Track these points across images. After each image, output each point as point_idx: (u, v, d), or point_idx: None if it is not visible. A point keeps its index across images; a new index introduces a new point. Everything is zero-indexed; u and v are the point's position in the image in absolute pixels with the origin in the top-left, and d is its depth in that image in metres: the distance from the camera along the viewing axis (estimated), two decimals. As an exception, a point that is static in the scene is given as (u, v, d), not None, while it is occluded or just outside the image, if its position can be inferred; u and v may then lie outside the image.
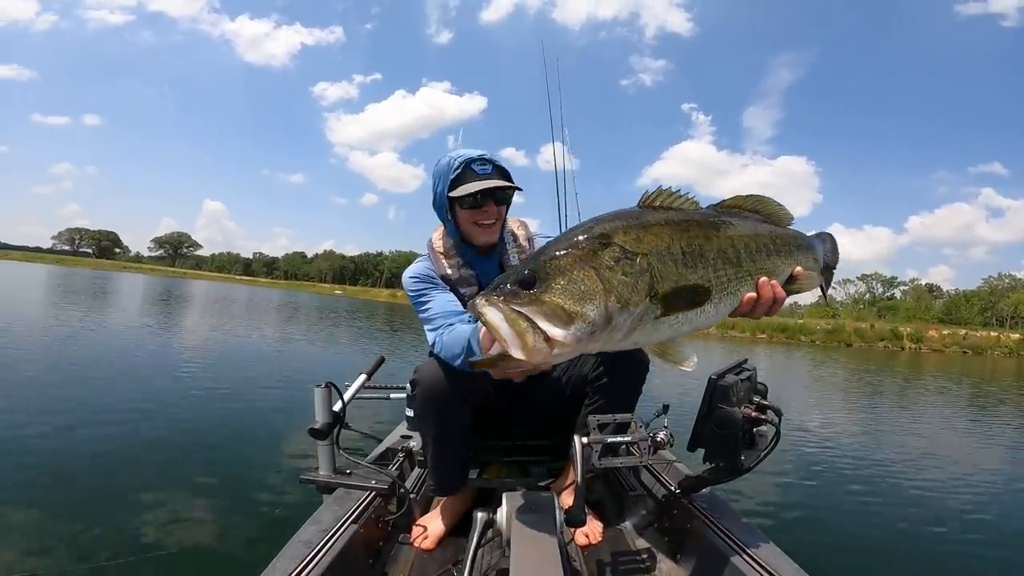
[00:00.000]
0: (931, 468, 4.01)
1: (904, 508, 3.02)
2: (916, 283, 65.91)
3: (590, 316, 0.69)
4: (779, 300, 0.93)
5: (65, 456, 3.59)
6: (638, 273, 0.74)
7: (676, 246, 0.80)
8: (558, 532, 1.04)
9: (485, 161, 1.44)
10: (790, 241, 1.01)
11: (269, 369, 7.25)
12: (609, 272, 0.72)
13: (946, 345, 31.52)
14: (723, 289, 0.86)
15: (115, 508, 2.78)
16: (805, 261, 1.04)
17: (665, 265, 0.77)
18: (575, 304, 0.68)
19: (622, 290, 0.72)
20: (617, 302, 0.71)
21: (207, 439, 4.14)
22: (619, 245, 0.75)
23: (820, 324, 32.63)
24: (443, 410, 1.41)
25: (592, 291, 0.70)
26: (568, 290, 0.69)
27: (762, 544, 1.23)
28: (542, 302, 0.68)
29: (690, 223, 0.85)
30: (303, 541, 1.20)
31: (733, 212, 0.96)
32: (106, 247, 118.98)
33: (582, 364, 1.52)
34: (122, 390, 5.20)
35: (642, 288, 0.73)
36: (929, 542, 2.60)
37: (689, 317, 0.81)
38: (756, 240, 0.93)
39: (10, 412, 4.09)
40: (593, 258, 0.72)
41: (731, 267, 0.87)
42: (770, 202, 1.01)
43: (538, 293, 0.69)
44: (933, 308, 55.02)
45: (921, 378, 13.80)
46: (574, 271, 0.70)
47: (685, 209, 0.88)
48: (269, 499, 2.85)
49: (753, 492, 3.03)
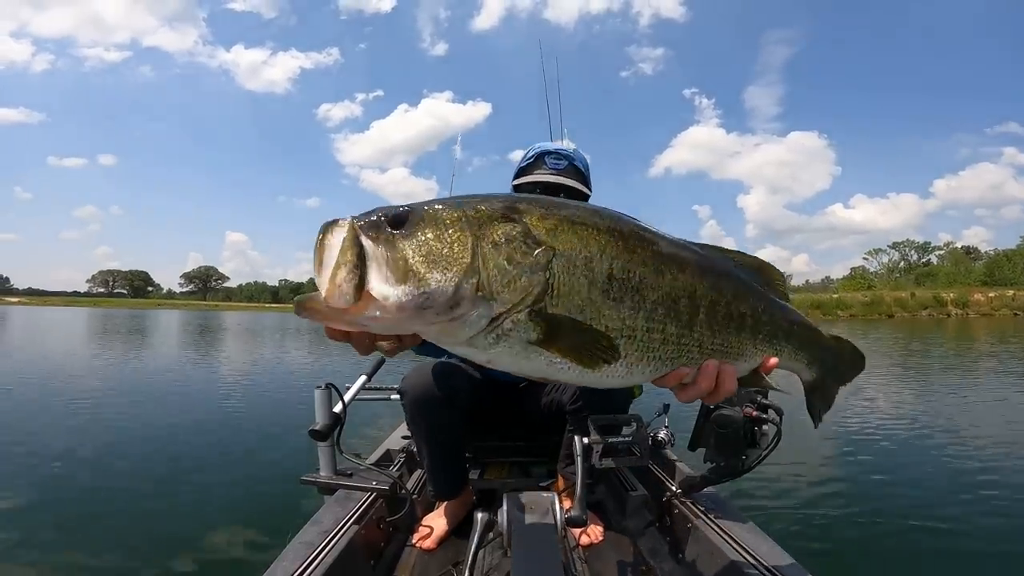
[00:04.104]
0: (964, 458, 3.83)
1: (917, 504, 2.96)
2: (952, 246, 61.90)
3: (430, 286, 0.49)
4: (724, 394, 0.66)
5: (67, 461, 3.60)
6: (529, 268, 0.52)
7: (604, 262, 0.56)
8: (559, 533, 1.04)
9: (560, 156, 1.40)
10: (781, 320, 0.72)
11: (281, 379, 7.38)
12: (492, 249, 0.52)
13: (995, 308, 30.52)
14: (647, 351, 0.59)
15: (116, 508, 2.79)
16: (792, 356, 0.75)
17: (573, 278, 0.54)
18: (422, 264, 0.50)
19: (495, 277, 0.51)
20: (478, 289, 0.50)
21: (208, 441, 4.16)
22: (525, 226, 0.54)
23: (858, 297, 31.75)
24: (431, 415, 1.41)
25: (453, 259, 0.50)
26: (427, 246, 0.50)
27: (764, 544, 1.22)
28: (392, 247, 0.50)
29: (644, 242, 0.60)
30: (304, 542, 1.21)
31: (722, 256, 0.69)
32: (139, 286, 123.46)
33: (562, 390, 1.47)
34: (148, 407, 5.41)
35: (523, 288, 0.52)
36: (940, 541, 2.57)
37: (579, 368, 0.57)
38: (733, 302, 0.66)
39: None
40: (483, 225, 0.53)
41: (675, 324, 0.60)
42: (775, 271, 0.74)
43: (397, 235, 0.51)
44: (974, 271, 51.47)
45: (970, 348, 13.24)
46: (450, 229, 0.52)
47: (657, 232, 0.63)
48: (270, 500, 2.85)
49: (755, 492, 3.02)
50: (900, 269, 60.17)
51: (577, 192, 1.43)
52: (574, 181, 1.42)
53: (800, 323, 0.76)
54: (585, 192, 1.44)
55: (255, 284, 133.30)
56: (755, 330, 0.68)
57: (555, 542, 0.99)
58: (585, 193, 1.43)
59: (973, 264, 54.79)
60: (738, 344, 0.67)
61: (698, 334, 0.62)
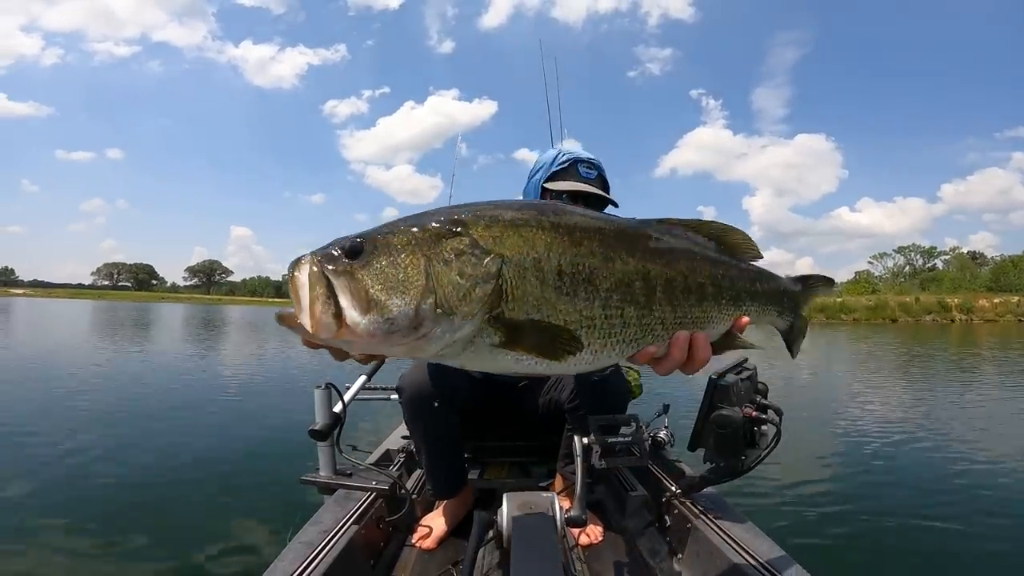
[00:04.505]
0: (962, 460, 3.85)
1: (916, 505, 2.97)
2: (958, 251, 60.81)
3: (392, 312, 0.53)
4: (699, 362, 0.68)
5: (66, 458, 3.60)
6: (480, 279, 0.55)
7: (552, 260, 0.58)
8: (559, 532, 1.04)
9: (592, 166, 1.47)
10: (742, 281, 0.74)
11: (279, 376, 7.39)
12: (443, 267, 0.55)
13: (999, 314, 30.34)
14: (610, 336, 0.61)
15: (116, 507, 2.79)
16: (760, 312, 0.77)
17: (524, 282, 0.57)
18: (382, 292, 0.54)
19: (450, 294, 0.54)
20: (437, 307, 0.54)
21: (208, 440, 4.16)
22: (472, 238, 0.57)
23: (861, 301, 31.53)
24: (429, 415, 1.42)
25: (409, 283, 0.54)
26: (384, 274, 0.54)
27: (764, 544, 1.22)
28: (353, 277, 0.54)
29: (590, 233, 0.62)
30: (304, 542, 1.21)
31: (672, 231, 0.70)
32: (143, 279, 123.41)
33: (561, 388, 1.50)
34: (147, 405, 5.39)
35: (478, 299, 0.55)
36: (940, 541, 2.57)
37: (546, 361, 0.60)
38: (689, 275, 0.67)
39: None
40: (432, 245, 0.56)
41: (633, 307, 0.62)
42: (737, 232, 0.74)
43: (355, 266, 0.55)
44: (980, 276, 50.94)
45: (974, 353, 13.18)
46: (402, 254, 0.55)
47: (605, 216, 0.66)
48: (270, 500, 2.85)
49: (755, 492, 3.02)
50: (905, 274, 59.69)
51: (606, 200, 1.47)
52: (601, 191, 1.47)
53: (763, 278, 0.78)
54: (612, 201, 1.48)
55: (259, 278, 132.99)
56: (717, 297, 0.70)
57: (555, 542, 0.99)
58: (612, 201, 1.48)
59: (979, 269, 54.31)
60: (702, 313, 0.69)
61: (659, 312, 0.65)
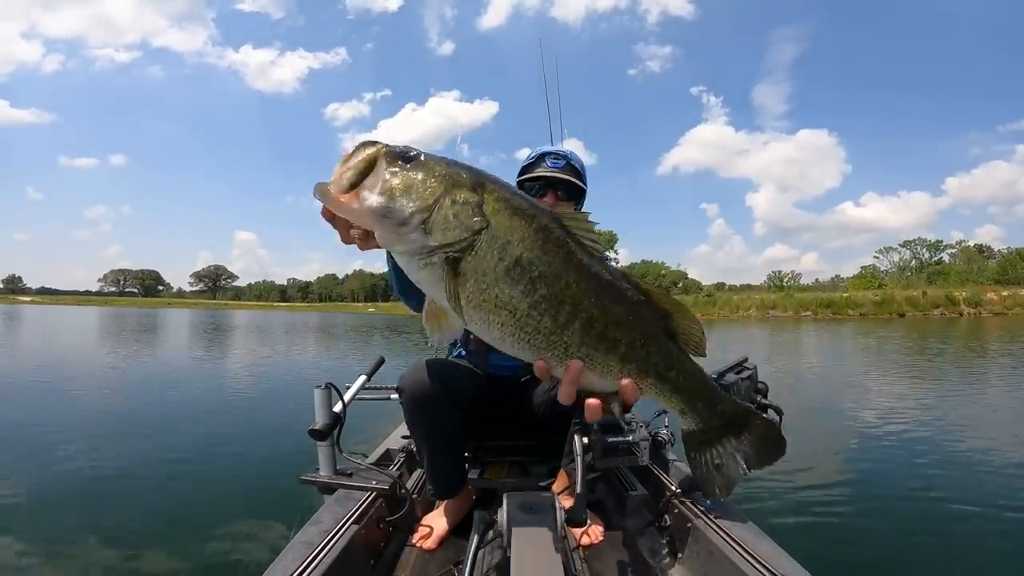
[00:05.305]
0: (967, 459, 3.81)
1: (918, 505, 2.97)
2: (964, 244, 59.37)
3: (394, 205, 0.67)
4: (587, 406, 0.76)
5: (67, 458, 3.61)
6: (464, 228, 0.67)
7: (518, 249, 0.68)
8: (559, 532, 1.04)
9: (559, 156, 1.59)
10: (656, 359, 0.75)
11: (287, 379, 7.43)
12: (448, 203, 0.67)
13: (1008, 307, 29.94)
14: (522, 331, 0.70)
15: (115, 507, 2.79)
16: (661, 396, 0.77)
17: (490, 249, 0.67)
18: (400, 190, 0.67)
19: (438, 222, 0.67)
20: (423, 224, 0.67)
21: (208, 440, 4.16)
22: (479, 199, 0.68)
23: (868, 296, 31.19)
24: (430, 415, 1.42)
25: (419, 198, 0.67)
26: (412, 181, 0.67)
27: (763, 543, 1.22)
28: (392, 171, 0.68)
29: (562, 250, 0.70)
30: (304, 542, 1.21)
31: (635, 292, 0.74)
32: (150, 285, 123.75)
33: None
34: (148, 406, 5.45)
35: (451, 238, 0.67)
36: (941, 541, 2.56)
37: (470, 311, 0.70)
38: (611, 327, 0.72)
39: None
40: (455, 186, 0.68)
41: (551, 322, 0.70)
42: (686, 321, 0.76)
43: (401, 165, 0.68)
44: (987, 269, 49.87)
45: (983, 347, 13.02)
46: (432, 179, 0.68)
47: (593, 249, 0.72)
48: (270, 500, 2.85)
49: (755, 492, 3.02)
50: (911, 268, 58.68)
51: (574, 186, 1.58)
52: (571, 176, 1.58)
53: (686, 372, 0.77)
54: (581, 186, 1.60)
55: (264, 283, 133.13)
56: (625, 358, 0.73)
57: (555, 542, 0.99)
58: (581, 187, 1.60)
59: (986, 262, 53.47)
60: (604, 362, 0.73)
61: (567, 338, 0.71)
